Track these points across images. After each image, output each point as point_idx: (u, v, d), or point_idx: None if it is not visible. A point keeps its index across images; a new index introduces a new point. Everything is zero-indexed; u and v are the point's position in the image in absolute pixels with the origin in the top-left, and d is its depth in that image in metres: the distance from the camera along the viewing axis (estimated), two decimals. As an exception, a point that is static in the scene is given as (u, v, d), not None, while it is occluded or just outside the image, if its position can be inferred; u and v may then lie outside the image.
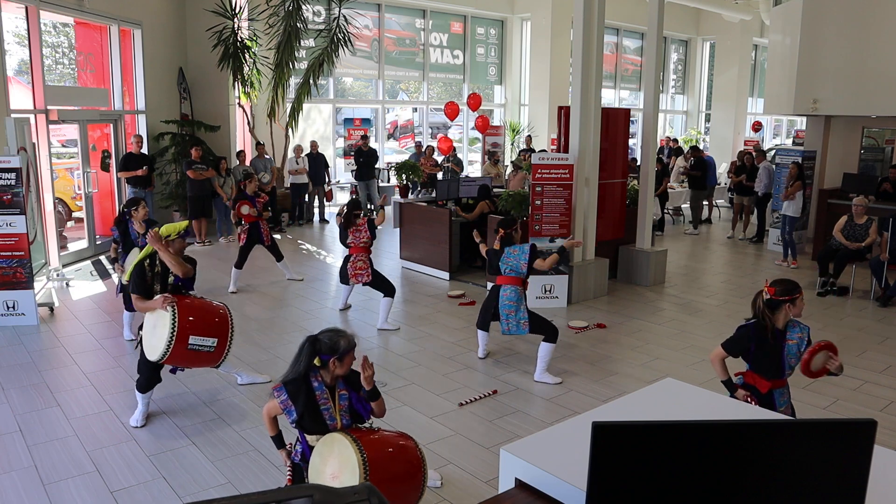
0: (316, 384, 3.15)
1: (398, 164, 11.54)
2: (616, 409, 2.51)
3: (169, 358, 4.59)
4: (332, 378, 3.18)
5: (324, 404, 3.15)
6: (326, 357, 3.10)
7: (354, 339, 3.20)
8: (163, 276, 4.78)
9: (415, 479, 3.19)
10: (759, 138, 20.25)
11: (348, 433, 3.11)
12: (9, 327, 6.70)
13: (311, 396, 3.13)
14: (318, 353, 3.11)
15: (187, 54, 12.38)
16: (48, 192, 8.76)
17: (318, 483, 3.08)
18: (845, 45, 10.34)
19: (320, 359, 3.11)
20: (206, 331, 4.68)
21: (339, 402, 3.18)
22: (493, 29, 17.32)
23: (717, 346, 3.87)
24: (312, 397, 3.13)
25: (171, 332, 4.50)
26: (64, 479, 4.05)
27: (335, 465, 3.06)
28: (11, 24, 9.30)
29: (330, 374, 3.16)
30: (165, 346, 4.51)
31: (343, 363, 3.14)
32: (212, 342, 4.68)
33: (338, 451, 3.08)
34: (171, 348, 4.52)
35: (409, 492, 3.19)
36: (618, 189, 8.78)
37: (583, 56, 7.80)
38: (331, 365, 3.12)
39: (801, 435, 1.60)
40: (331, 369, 3.14)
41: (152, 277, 4.74)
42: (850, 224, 8.50)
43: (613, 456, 1.55)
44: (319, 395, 3.14)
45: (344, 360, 3.13)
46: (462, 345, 6.47)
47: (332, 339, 3.13)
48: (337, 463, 3.05)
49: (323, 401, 3.15)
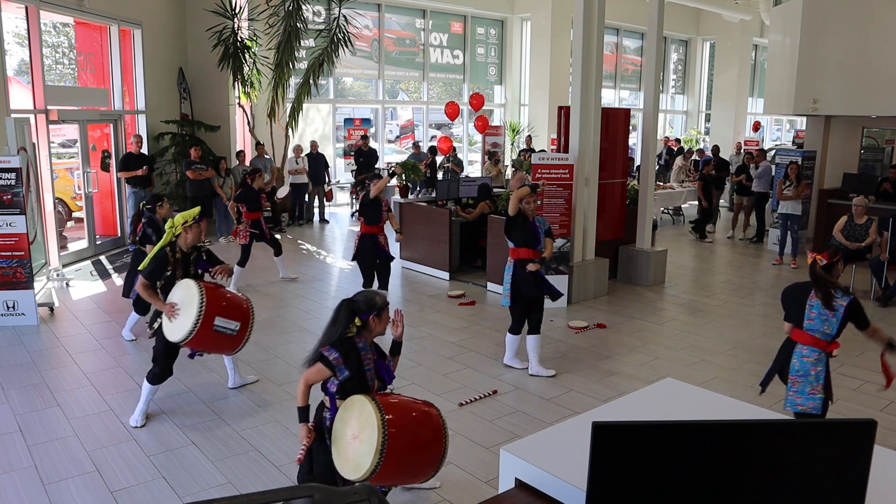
0: (361, 344, 3.20)
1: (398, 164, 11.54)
2: (616, 409, 2.51)
3: (193, 339, 4.58)
4: (373, 337, 3.24)
5: (367, 364, 3.20)
6: (366, 315, 3.18)
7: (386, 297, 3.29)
8: (184, 263, 4.82)
9: (435, 447, 3.18)
10: (759, 138, 20.26)
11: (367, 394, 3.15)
12: (9, 327, 6.70)
13: (359, 356, 3.17)
14: (357, 313, 3.17)
15: (187, 54, 12.38)
16: (48, 192, 8.76)
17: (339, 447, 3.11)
18: (845, 45, 10.34)
19: (360, 319, 3.17)
20: (231, 313, 4.73)
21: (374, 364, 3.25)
22: (493, 29, 17.32)
23: (873, 325, 4.07)
24: (360, 357, 3.17)
25: (198, 311, 4.51)
26: (64, 479, 4.05)
27: (355, 426, 3.08)
28: (11, 24, 9.30)
29: (371, 333, 3.23)
30: (193, 324, 4.51)
31: (381, 319, 3.22)
32: (235, 325, 4.73)
33: (357, 412, 3.09)
34: (197, 327, 4.51)
35: (428, 461, 3.17)
36: (618, 189, 8.78)
37: (583, 56, 7.80)
38: (371, 323, 3.19)
39: (801, 435, 1.60)
40: (371, 327, 3.21)
41: (174, 264, 4.78)
42: (850, 224, 8.50)
43: (613, 456, 1.55)
44: (364, 356, 3.19)
45: (382, 315, 3.22)
46: (462, 345, 6.47)
47: (369, 297, 3.22)
48: (357, 423, 3.07)
49: (367, 361, 3.20)
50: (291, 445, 4.47)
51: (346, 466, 3.07)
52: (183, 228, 4.76)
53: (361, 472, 2.99)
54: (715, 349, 6.52)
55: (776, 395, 5.21)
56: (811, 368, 4.00)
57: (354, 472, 3.02)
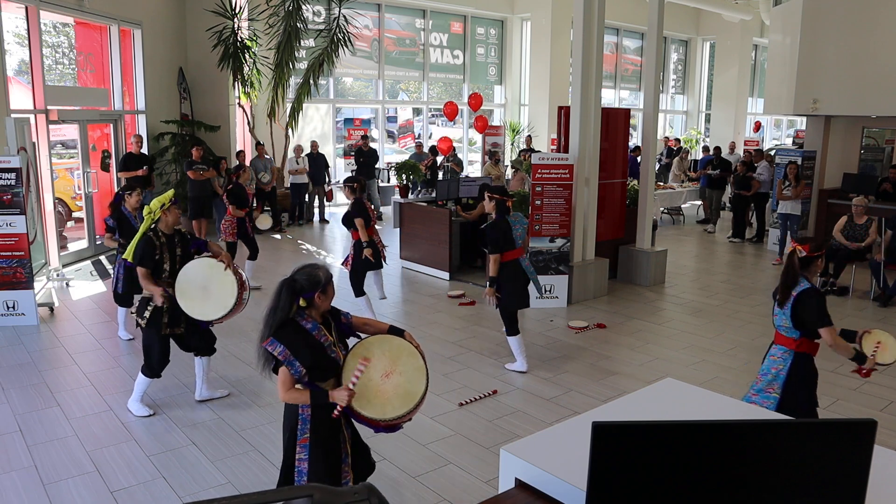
0: (309, 325, 2.99)
1: (398, 163, 11.54)
2: (616, 409, 2.51)
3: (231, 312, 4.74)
4: (321, 314, 3.06)
5: (325, 341, 3.01)
6: (310, 294, 2.96)
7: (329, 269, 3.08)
8: (169, 246, 4.74)
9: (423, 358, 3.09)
10: (759, 138, 20.26)
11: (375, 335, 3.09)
12: (9, 327, 6.70)
13: (311, 338, 2.97)
14: (299, 293, 2.96)
15: (187, 54, 12.38)
16: (48, 192, 8.76)
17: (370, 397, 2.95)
18: (845, 45, 10.34)
19: (304, 298, 2.97)
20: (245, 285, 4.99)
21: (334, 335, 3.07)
22: (493, 29, 17.32)
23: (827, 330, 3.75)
24: (312, 339, 2.97)
25: (239, 286, 4.72)
26: (64, 479, 4.05)
27: (384, 363, 2.97)
28: (11, 24, 9.30)
29: (318, 311, 3.03)
30: (235, 299, 4.68)
31: (327, 294, 3.02)
32: (247, 294, 4.93)
33: (378, 350, 3.01)
34: (236, 303, 4.70)
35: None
36: (618, 189, 8.78)
37: (583, 56, 7.80)
38: (316, 300, 2.98)
39: (801, 435, 1.60)
40: (317, 304, 3.00)
41: (160, 248, 4.68)
42: (850, 224, 8.50)
43: (613, 456, 1.55)
44: (318, 335, 2.99)
45: (328, 291, 3.02)
46: (462, 345, 6.47)
47: (310, 273, 2.98)
48: (386, 359, 2.98)
49: (323, 338, 3.00)
50: (291, 445, 4.47)
51: (388, 406, 2.92)
52: (161, 212, 4.71)
53: (415, 399, 2.91)
54: (715, 349, 6.52)
55: (776, 395, 5.22)
56: (772, 367, 3.89)
57: (405, 405, 2.91)
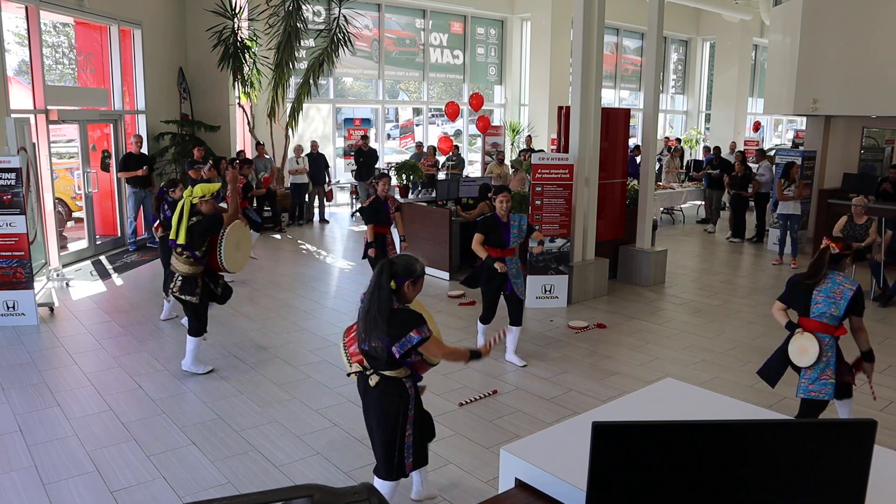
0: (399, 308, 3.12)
1: (398, 163, 11.54)
2: (616, 409, 2.51)
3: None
4: (403, 303, 3.10)
5: None
6: (402, 280, 3.03)
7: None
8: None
9: None
10: (759, 138, 20.26)
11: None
12: (9, 327, 6.70)
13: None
14: (394, 276, 3.02)
15: (187, 54, 12.38)
16: (48, 192, 8.76)
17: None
18: (845, 45, 10.34)
19: (395, 282, 3.02)
20: None
21: None
22: (493, 29, 17.32)
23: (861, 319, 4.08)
24: None
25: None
26: (64, 479, 4.05)
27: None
28: (11, 24, 9.30)
29: (403, 299, 3.08)
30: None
31: (416, 287, 3.09)
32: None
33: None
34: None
35: None
36: (618, 189, 8.78)
37: (583, 56, 7.80)
38: (405, 288, 3.05)
39: (801, 435, 1.60)
40: (405, 292, 3.06)
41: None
42: (850, 224, 8.49)
43: (613, 456, 1.55)
44: None
45: (418, 283, 3.09)
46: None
47: (409, 262, 3.07)
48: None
49: None
50: (291, 445, 4.47)
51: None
52: (200, 201, 5.36)
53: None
54: (715, 349, 6.52)
55: (776, 395, 5.22)
56: (822, 355, 4.01)
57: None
